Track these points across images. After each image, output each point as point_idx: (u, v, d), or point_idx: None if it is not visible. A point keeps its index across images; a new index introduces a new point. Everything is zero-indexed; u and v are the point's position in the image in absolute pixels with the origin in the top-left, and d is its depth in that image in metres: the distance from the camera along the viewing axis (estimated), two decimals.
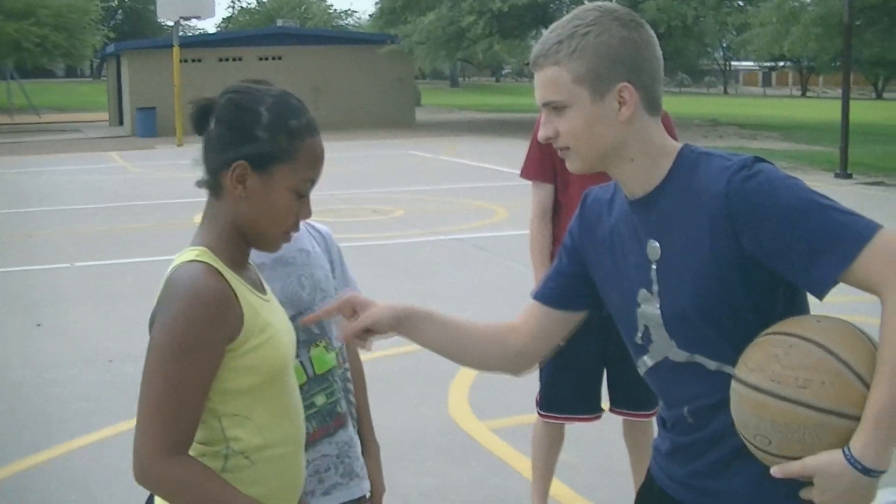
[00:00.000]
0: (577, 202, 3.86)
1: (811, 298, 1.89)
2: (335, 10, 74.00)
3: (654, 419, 4.08)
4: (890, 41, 25.88)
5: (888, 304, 1.70)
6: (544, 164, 3.97)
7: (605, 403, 4.10)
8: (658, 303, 1.93)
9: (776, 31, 25.07)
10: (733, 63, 77.56)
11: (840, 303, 1.89)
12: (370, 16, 49.26)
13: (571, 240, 2.14)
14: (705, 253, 1.84)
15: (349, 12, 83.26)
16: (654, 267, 1.93)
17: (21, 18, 38.87)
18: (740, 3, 30.94)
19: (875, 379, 1.68)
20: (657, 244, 1.92)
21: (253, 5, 72.52)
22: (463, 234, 11.78)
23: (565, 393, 4.00)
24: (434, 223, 12.57)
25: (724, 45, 56.21)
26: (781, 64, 55.02)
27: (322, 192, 17.25)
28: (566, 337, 2.22)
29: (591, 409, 4.04)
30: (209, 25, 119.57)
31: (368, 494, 2.61)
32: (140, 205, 14.83)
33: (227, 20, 74.42)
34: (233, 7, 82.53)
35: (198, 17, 31.72)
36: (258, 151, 1.91)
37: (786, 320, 1.82)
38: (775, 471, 1.76)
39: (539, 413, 4.09)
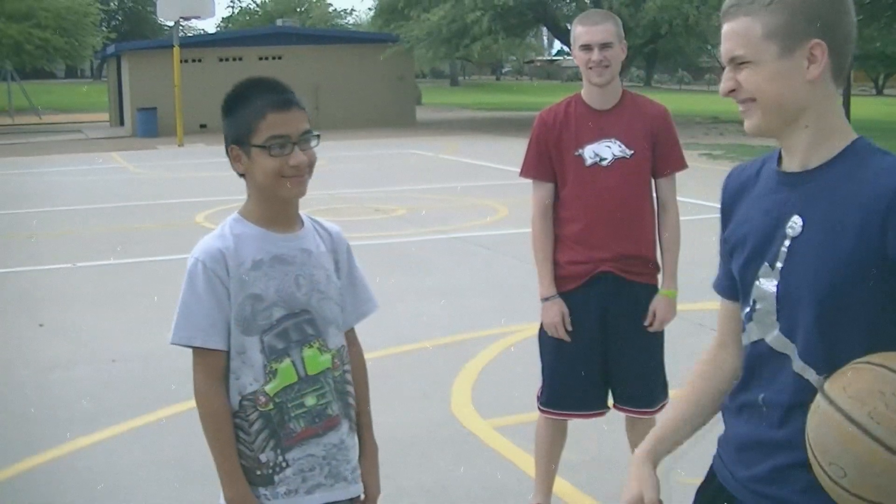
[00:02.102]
0: (576, 199, 3.90)
1: None
2: (335, 9, 73.91)
3: (656, 416, 4.09)
4: (891, 36, 25.89)
5: None
6: (543, 162, 3.97)
7: (611, 400, 4.10)
8: (776, 280, 1.89)
9: None
10: None
11: None
12: (368, 8, 49.15)
13: (722, 227, 2.08)
14: (847, 244, 1.79)
15: (348, 11, 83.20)
16: (787, 243, 1.88)
17: (22, 21, 38.91)
18: None
19: None
20: (801, 221, 1.86)
21: (253, 6, 72.55)
22: (464, 232, 11.79)
23: (566, 389, 4.00)
24: (436, 222, 12.58)
25: None
26: None
27: (323, 192, 17.28)
28: None
29: (591, 406, 4.05)
30: (209, 25, 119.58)
31: (363, 496, 2.60)
32: (141, 205, 14.83)
33: (226, 20, 74.38)
34: (232, 7, 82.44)
35: (198, 17, 31.76)
36: None
37: None
38: None
39: (540, 409, 4.09)
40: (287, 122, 2.39)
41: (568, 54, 49.63)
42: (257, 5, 71.95)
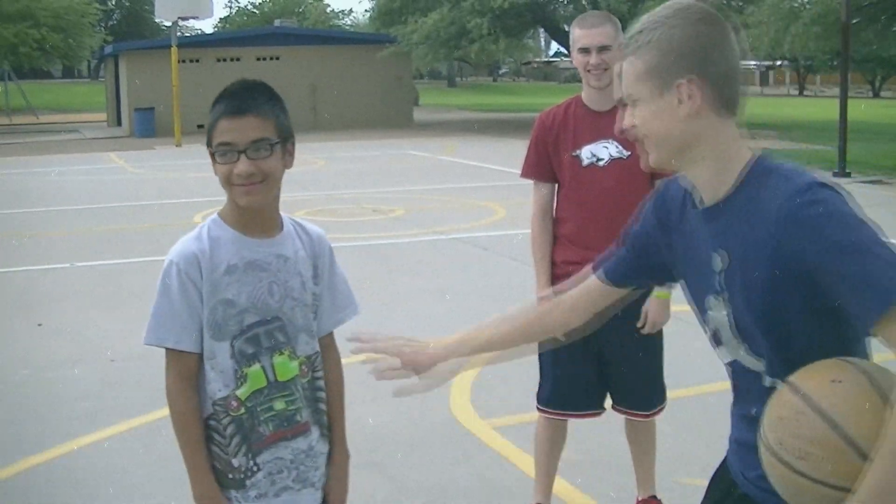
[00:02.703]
0: (573, 199, 3.91)
1: None
2: (332, 10, 73.89)
3: (655, 419, 4.10)
4: (888, 39, 25.90)
5: None
6: (542, 163, 3.99)
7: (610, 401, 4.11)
8: (727, 309, 1.94)
9: (776, 32, 25.05)
10: None
11: None
12: (366, 10, 49.11)
13: (645, 226, 2.14)
14: (766, 268, 1.83)
15: (346, 12, 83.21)
16: (720, 276, 1.93)
17: (19, 21, 38.85)
18: (740, 2, 30.94)
19: (876, 453, 1.65)
20: (724, 254, 1.91)
21: (251, 7, 72.50)
22: (462, 233, 11.80)
23: (563, 389, 4.01)
24: (433, 222, 12.59)
25: None
26: (779, 63, 55.09)
27: (321, 192, 17.17)
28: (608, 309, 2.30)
29: (587, 406, 4.05)
30: (206, 26, 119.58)
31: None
32: (139, 205, 14.84)
33: (224, 20, 74.33)
34: (230, 7, 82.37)
35: (196, 18, 31.73)
36: None
37: (813, 368, 1.79)
38: None
39: (538, 408, 4.11)
40: (235, 129, 2.36)
41: (565, 55, 49.66)
42: (255, 6, 71.96)
